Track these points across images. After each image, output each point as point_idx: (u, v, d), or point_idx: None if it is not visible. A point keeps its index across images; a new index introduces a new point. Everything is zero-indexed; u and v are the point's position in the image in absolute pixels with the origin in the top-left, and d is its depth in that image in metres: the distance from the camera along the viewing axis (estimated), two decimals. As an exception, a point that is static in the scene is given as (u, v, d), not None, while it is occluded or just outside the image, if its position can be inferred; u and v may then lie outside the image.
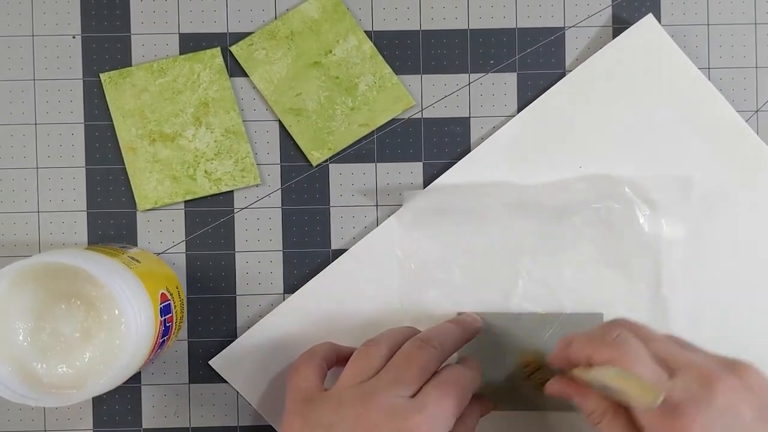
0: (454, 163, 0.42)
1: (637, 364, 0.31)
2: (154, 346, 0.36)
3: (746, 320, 0.42)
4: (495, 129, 0.43)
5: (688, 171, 0.42)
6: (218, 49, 0.42)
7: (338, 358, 0.39)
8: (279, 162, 0.43)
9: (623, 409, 0.32)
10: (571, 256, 0.42)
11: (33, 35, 0.42)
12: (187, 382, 0.42)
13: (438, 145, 0.43)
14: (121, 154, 0.42)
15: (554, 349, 0.36)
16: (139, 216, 0.42)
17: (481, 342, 0.40)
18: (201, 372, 0.42)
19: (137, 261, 0.37)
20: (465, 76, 0.43)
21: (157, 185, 0.42)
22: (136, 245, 0.42)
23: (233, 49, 0.42)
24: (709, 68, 0.43)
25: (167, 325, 0.37)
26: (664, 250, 0.42)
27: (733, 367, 0.31)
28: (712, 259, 0.42)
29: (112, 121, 0.42)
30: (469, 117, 0.43)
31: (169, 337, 0.38)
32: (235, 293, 0.42)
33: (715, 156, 0.42)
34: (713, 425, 0.29)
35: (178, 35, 0.43)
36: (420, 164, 0.43)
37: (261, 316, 0.42)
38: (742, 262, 0.42)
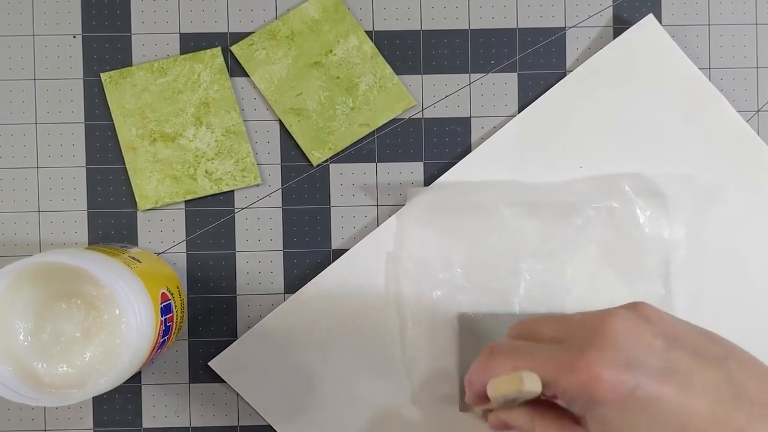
0: (455, 163, 0.42)
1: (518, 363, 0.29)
2: (155, 346, 0.36)
3: (747, 319, 0.42)
4: (495, 129, 0.43)
5: (688, 171, 0.42)
6: (219, 48, 0.42)
7: None
8: (279, 162, 0.43)
9: (547, 409, 0.31)
10: (572, 256, 0.42)
11: (33, 35, 0.42)
12: (187, 381, 0.42)
13: (438, 145, 0.43)
14: (121, 153, 0.42)
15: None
16: (140, 216, 0.42)
17: (481, 343, 0.40)
18: (201, 372, 0.42)
19: (138, 261, 0.37)
20: (465, 76, 0.43)
21: (157, 185, 0.42)
22: (137, 245, 0.42)
23: (234, 49, 0.42)
24: (709, 68, 0.43)
25: (168, 324, 0.37)
26: (664, 250, 0.42)
27: (625, 306, 0.30)
28: (713, 258, 0.42)
29: (112, 120, 0.42)
30: (470, 117, 0.43)
31: (170, 337, 0.38)
32: (236, 293, 0.42)
33: (716, 156, 0.42)
34: (619, 357, 0.27)
35: (178, 35, 0.43)
36: (420, 164, 0.43)
37: (261, 316, 0.42)
38: (743, 262, 0.42)
